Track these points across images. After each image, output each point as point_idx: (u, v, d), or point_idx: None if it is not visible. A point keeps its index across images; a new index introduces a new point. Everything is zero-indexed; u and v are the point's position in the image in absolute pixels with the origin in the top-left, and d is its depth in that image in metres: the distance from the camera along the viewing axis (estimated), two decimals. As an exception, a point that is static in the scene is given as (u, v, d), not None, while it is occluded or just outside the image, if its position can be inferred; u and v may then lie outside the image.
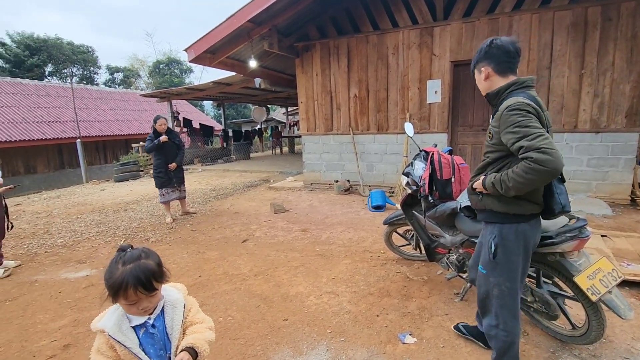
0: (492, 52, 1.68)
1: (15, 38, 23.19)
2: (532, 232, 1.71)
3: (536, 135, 1.45)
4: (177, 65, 32.29)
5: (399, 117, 6.42)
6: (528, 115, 1.51)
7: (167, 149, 5.26)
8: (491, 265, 1.75)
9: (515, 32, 5.36)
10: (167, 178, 5.31)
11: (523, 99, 1.56)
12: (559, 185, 1.65)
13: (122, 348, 1.11)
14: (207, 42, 6.18)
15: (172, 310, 1.23)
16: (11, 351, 2.39)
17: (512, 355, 1.80)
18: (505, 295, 1.75)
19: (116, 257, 1.15)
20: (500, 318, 1.77)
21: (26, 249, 4.52)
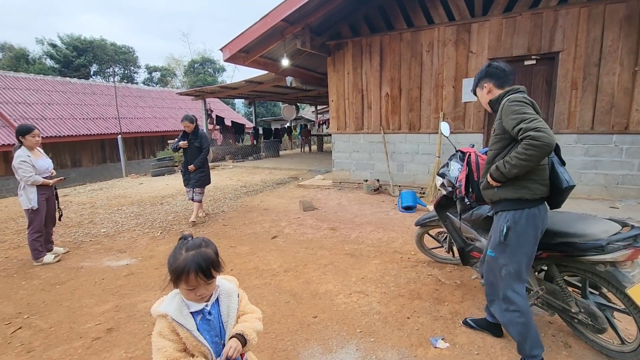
0: (492, 71, 2.05)
1: (64, 40, 24.88)
2: (541, 217, 1.88)
3: (532, 119, 1.73)
4: (211, 65, 33.32)
5: (432, 117, 6.26)
6: (524, 105, 1.81)
7: (189, 150, 5.15)
8: (501, 247, 1.92)
9: (561, 27, 5.07)
10: (185, 178, 5.27)
11: (520, 94, 1.89)
12: (560, 167, 1.87)
13: (185, 331, 1.16)
14: (242, 42, 6.32)
15: (227, 299, 1.29)
16: (61, 331, 2.58)
17: (533, 339, 1.89)
18: (512, 275, 1.91)
19: (180, 244, 1.22)
20: (509, 299, 1.92)
21: (73, 237, 4.84)
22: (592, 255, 1.82)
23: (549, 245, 2.01)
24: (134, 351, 2.30)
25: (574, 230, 1.93)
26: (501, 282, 1.96)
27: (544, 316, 2.48)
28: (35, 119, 12.61)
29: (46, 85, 15.06)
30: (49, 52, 24.45)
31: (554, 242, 1.98)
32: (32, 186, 3.79)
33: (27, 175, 3.71)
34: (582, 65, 5.05)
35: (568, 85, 5.19)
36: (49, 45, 24.52)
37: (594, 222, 1.93)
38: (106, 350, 2.32)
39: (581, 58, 5.04)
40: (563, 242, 1.94)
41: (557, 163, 1.88)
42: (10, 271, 3.74)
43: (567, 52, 5.11)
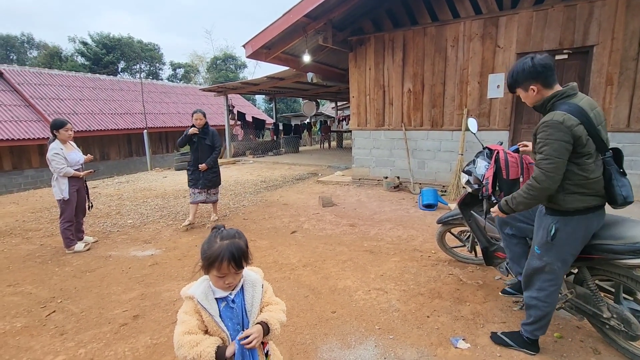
0: (540, 70, 1.82)
1: (94, 38, 25.83)
2: (594, 222, 1.84)
3: (545, 157, 1.72)
4: (232, 61, 33.75)
5: (456, 113, 6.11)
6: (555, 134, 1.69)
7: (200, 147, 4.75)
8: (547, 246, 1.90)
9: (596, 20, 4.83)
10: (193, 178, 4.82)
11: (559, 115, 1.71)
12: (620, 178, 1.75)
13: (207, 315, 1.22)
14: (264, 38, 6.37)
15: (252, 289, 1.32)
16: (91, 316, 2.70)
17: (545, 323, 2.02)
18: (554, 272, 1.92)
19: (214, 233, 1.27)
20: (545, 292, 1.96)
21: (102, 227, 5.05)
22: (630, 259, 1.74)
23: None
24: (159, 338, 2.38)
25: (611, 232, 1.84)
26: (543, 276, 1.96)
27: (572, 320, 2.39)
28: (67, 113, 13.18)
29: (77, 81, 15.69)
30: (80, 50, 25.46)
31: (588, 244, 1.90)
32: (64, 178, 3.97)
33: (59, 167, 3.89)
34: (618, 60, 4.79)
35: (602, 80, 4.94)
36: (80, 43, 25.53)
37: (632, 225, 1.83)
38: (132, 336, 2.42)
39: (618, 52, 4.78)
40: (598, 244, 1.85)
41: (615, 172, 1.74)
42: (45, 258, 3.94)
43: (602, 45, 4.86)
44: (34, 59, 27.59)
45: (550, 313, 1.99)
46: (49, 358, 2.21)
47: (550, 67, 1.83)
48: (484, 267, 3.23)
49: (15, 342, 2.40)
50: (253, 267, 1.40)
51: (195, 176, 4.81)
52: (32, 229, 5.02)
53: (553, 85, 1.84)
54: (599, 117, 1.77)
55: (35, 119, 12.54)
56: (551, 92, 1.83)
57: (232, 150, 13.47)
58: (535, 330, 2.05)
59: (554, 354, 2.09)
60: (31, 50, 30.39)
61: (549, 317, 2.01)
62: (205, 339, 1.18)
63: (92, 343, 2.35)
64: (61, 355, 2.24)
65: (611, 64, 4.84)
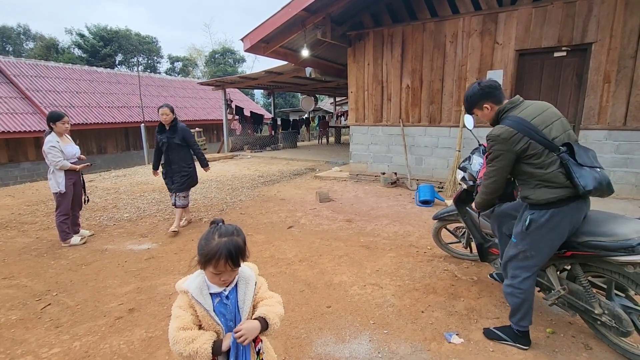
0: (486, 91, 2.08)
1: (92, 30, 25.58)
2: (570, 214, 1.90)
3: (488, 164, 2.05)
4: (231, 55, 33.55)
5: (454, 110, 6.11)
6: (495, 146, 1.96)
7: (169, 148, 4.30)
8: (522, 235, 2.03)
9: (595, 17, 4.81)
10: (167, 182, 4.49)
11: (498, 130, 1.96)
12: (577, 170, 1.81)
13: (201, 309, 1.21)
14: (262, 32, 6.32)
15: (245, 285, 1.31)
16: (87, 309, 2.70)
17: (525, 311, 2.08)
18: (527, 259, 2.03)
19: (212, 229, 1.25)
20: (518, 278, 2.06)
21: (98, 220, 5.03)
22: (621, 256, 1.75)
23: (574, 244, 1.95)
24: (154, 331, 2.39)
25: (603, 229, 1.85)
26: (515, 263, 2.09)
27: (565, 316, 2.42)
28: (64, 106, 13.08)
29: (74, 74, 15.56)
30: (77, 42, 25.23)
31: (580, 240, 1.91)
32: (61, 171, 3.95)
33: (56, 160, 3.87)
34: (616, 58, 4.79)
35: (600, 78, 4.94)
36: (77, 35, 25.30)
37: (624, 222, 1.85)
38: (128, 330, 2.42)
39: (616, 50, 4.78)
40: (590, 241, 1.87)
41: (572, 165, 1.82)
42: (41, 251, 3.94)
43: (600, 43, 4.85)
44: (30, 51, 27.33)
45: (527, 302, 2.05)
46: (43, 351, 2.22)
47: (496, 87, 2.08)
48: (479, 263, 3.25)
49: (10, 334, 2.40)
50: (248, 263, 1.39)
51: (169, 179, 4.47)
52: (28, 222, 5.01)
53: (502, 101, 2.09)
54: (546, 120, 1.92)
55: (32, 112, 12.44)
56: (498, 108, 2.08)
57: (230, 145, 13.42)
58: (519, 321, 2.09)
59: (546, 349, 2.11)
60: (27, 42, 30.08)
61: (527, 306, 2.06)
62: (200, 335, 1.17)
63: (87, 336, 2.36)
64: (56, 347, 2.25)
65: (609, 61, 4.84)
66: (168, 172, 4.42)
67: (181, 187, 4.40)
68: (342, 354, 2.12)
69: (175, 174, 4.38)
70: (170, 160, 4.36)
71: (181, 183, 4.40)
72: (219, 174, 8.80)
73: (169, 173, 4.42)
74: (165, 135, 4.27)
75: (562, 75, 5.28)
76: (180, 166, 4.38)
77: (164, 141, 4.28)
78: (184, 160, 4.40)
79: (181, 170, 4.38)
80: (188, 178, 4.46)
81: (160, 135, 4.32)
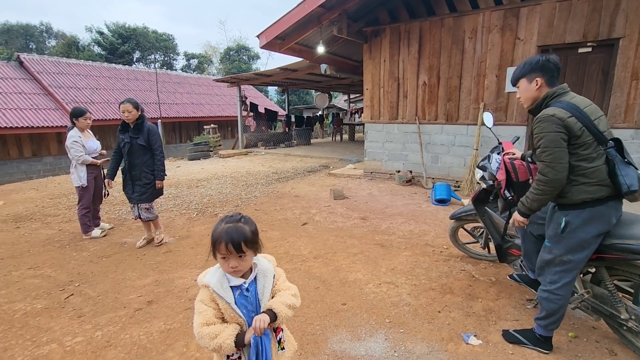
0: (548, 66, 1.89)
1: (111, 28, 26.11)
2: (607, 214, 1.81)
3: (542, 150, 1.79)
4: (246, 52, 33.73)
5: (472, 107, 5.99)
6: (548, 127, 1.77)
7: (131, 149, 3.67)
8: (557, 239, 1.91)
9: (623, 11, 4.63)
10: (126, 189, 3.83)
11: (550, 110, 1.79)
12: (623, 168, 1.73)
13: (223, 302, 1.24)
14: (278, 28, 6.33)
15: (263, 278, 1.34)
16: (107, 300, 2.78)
17: (559, 318, 1.99)
18: (564, 264, 1.91)
19: (222, 218, 1.30)
20: (557, 284, 1.94)
21: (117, 214, 5.16)
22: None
23: (600, 247, 1.88)
24: (172, 324, 2.43)
25: (631, 231, 1.78)
26: (554, 268, 1.96)
27: (588, 320, 2.35)
28: (84, 102, 13.43)
29: (94, 70, 15.94)
30: (97, 40, 25.79)
31: (607, 243, 1.85)
32: (83, 165, 4.05)
33: (78, 155, 3.98)
34: (647, 54, 4.59)
35: (628, 75, 4.75)
36: (97, 32, 25.85)
37: (653, 224, 1.78)
38: (147, 321, 2.48)
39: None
40: (617, 244, 1.80)
41: (619, 162, 1.74)
42: (64, 242, 4.06)
43: (629, 38, 4.66)
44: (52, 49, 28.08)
45: (563, 308, 1.97)
46: (67, 339, 2.29)
47: (559, 69, 1.91)
48: (497, 264, 3.19)
49: (36, 322, 2.49)
50: (266, 255, 1.42)
51: (129, 187, 3.79)
52: (51, 215, 5.17)
53: (555, 84, 1.91)
54: (594, 112, 1.82)
55: (54, 107, 12.82)
56: (547, 92, 1.91)
57: (244, 142, 13.53)
58: (548, 325, 2.02)
59: (568, 354, 2.06)
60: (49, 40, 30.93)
61: (561, 312, 1.98)
62: (223, 330, 1.20)
63: (108, 326, 2.42)
64: (79, 336, 2.32)
65: (638, 57, 4.65)
66: (127, 179, 3.77)
67: (142, 197, 3.73)
68: (358, 352, 2.11)
69: (137, 181, 3.72)
70: (131, 165, 3.71)
71: (142, 193, 3.72)
72: (233, 170, 8.88)
73: (129, 180, 3.76)
74: (128, 134, 3.66)
75: (586, 72, 5.10)
76: (143, 172, 3.69)
77: (126, 141, 3.65)
78: (148, 165, 3.72)
79: (143, 178, 3.71)
80: (151, 187, 3.75)
81: (123, 135, 3.70)
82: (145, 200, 3.76)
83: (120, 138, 3.74)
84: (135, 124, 3.67)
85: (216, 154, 11.92)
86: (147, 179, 3.73)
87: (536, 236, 2.26)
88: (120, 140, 3.73)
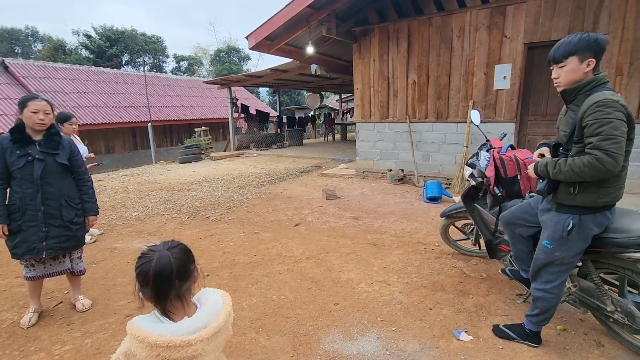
0: (599, 47, 1.70)
1: (98, 30, 25.80)
2: (607, 219, 1.81)
3: (610, 137, 1.56)
4: (236, 53, 33.60)
5: (461, 105, 6.04)
6: (613, 113, 1.57)
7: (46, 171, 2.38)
8: (561, 241, 1.86)
9: (607, 9, 4.71)
10: (26, 236, 2.36)
11: (612, 94, 1.62)
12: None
13: None
14: (267, 29, 6.31)
15: None
16: (97, 307, 2.74)
17: (551, 314, 2.03)
18: (564, 265, 1.91)
19: None
20: (553, 283, 1.95)
21: (107, 219, 5.09)
22: (634, 253, 1.71)
23: None
24: (163, 329, 2.41)
25: (615, 225, 1.81)
26: (553, 268, 1.94)
27: (576, 313, 2.38)
28: (72, 107, 13.24)
29: (82, 74, 15.73)
30: (84, 43, 25.46)
31: (594, 237, 1.88)
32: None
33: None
34: (629, 50, 4.68)
35: (612, 71, 4.84)
36: (84, 36, 25.53)
37: (637, 218, 1.81)
38: (138, 327, 2.44)
39: (628, 41, 4.67)
40: (603, 237, 1.83)
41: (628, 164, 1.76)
42: (52, 250, 3.99)
43: (612, 35, 4.75)
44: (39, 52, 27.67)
45: (556, 304, 2.00)
46: (56, 348, 2.26)
47: (604, 49, 1.74)
48: (488, 259, 3.22)
49: (24, 332, 2.44)
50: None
51: (31, 232, 2.37)
52: (39, 222, 5.08)
53: (598, 68, 1.76)
54: None
55: (41, 113, 12.60)
56: (592, 76, 1.74)
57: (236, 143, 13.47)
58: (540, 322, 2.05)
59: (556, 347, 2.09)
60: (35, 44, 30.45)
61: (554, 309, 2.01)
62: None
63: (98, 333, 2.39)
64: (68, 344, 2.28)
65: (621, 53, 4.74)
66: (31, 219, 2.36)
67: (65, 244, 2.51)
68: (350, 351, 2.12)
69: (51, 220, 2.42)
70: (44, 195, 2.38)
71: (66, 238, 2.50)
72: (225, 172, 8.84)
73: (33, 219, 2.36)
74: (37, 148, 2.35)
75: (572, 68, 5.18)
76: (64, 207, 2.47)
77: (36, 158, 2.33)
78: (70, 196, 2.53)
79: (66, 214, 2.47)
80: (80, 229, 2.59)
81: (20, 150, 2.31)
82: (74, 247, 2.62)
83: (17, 154, 2.30)
84: (47, 134, 2.43)
85: (208, 157, 11.85)
86: (71, 215, 2.50)
87: (526, 237, 2.26)
88: (16, 157, 2.30)
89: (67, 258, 2.66)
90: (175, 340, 1.03)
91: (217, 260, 3.53)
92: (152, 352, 1.02)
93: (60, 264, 2.62)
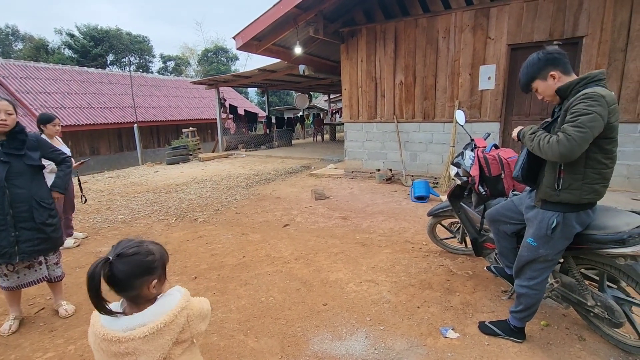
0: (555, 57, 1.79)
1: (82, 30, 25.24)
2: (589, 217, 1.86)
3: (576, 125, 1.60)
4: (224, 53, 33.31)
5: (447, 105, 6.12)
6: (594, 106, 1.60)
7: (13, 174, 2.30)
8: (545, 239, 1.89)
9: (586, 11, 4.84)
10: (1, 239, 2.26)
11: (601, 90, 1.66)
12: None
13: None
14: (254, 29, 6.28)
15: None
16: (81, 312, 2.68)
17: (534, 310, 2.08)
18: (547, 262, 1.96)
19: None
20: (536, 280, 2.00)
21: (92, 222, 4.99)
22: (612, 248, 1.77)
23: None
24: (150, 333, 2.37)
25: (595, 222, 1.87)
26: (536, 265, 1.98)
27: (558, 309, 2.44)
28: (55, 107, 12.93)
29: (65, 74, 15.38)
30: (67, 42, 24.88)
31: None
32: (52, 173, 3.89)
33: (46, 163, 3.82)
34: (607, 51, 4.82)
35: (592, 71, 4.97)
36: (67, 35, 24.95)
37: (615, 214, 1.86)
38: (123, 332, 2.40)
39: (606, 43, 4.81)
40: (583, 234, 1.88)
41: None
42: (33, 254, 3.89)
43: (591, 37, 4.88)
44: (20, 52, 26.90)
45: (540, 300, 2.05)
46: (38, 355, 2.20)
47: (564, 55, 1.79)
48: (474, 257, 3.27)
49: (4, 339, 2.37)
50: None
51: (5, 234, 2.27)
52: (21, 226, 4.94)
53: (571, 73, 1.80)
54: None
55: (22, 114, 12.26)
56: (570, 79, 1.78)
57: (225, 144, 13.36)
58: (524, 318, 2.09)
59: (540, 342, 2.13)
60: (16, 43, 29.60)
61: (538, 305, 2.06)
62: None
63: (81, 339, 2.34)
64: (50, 352, 2.23)
65: (600, 55, 4.87)
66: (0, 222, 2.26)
67: (40, 247, 2.42)
68: (339, 351, 2.12)
69: (22, 223, 2.33)
70: (13, 197, 2.30)
71: (40, 240, 2.41)
72: (213, 173, 8.76)
73: (4, 223, 2.27)
74: (1, 149, 2.27)
75: (553, 69, 5.30)
76: (36, 209, 2.39)
77: (1, 160, 2.26)
78: (42, 197, 2.46)
79: (38, 216, 2.39)
80: (54, 230, 2.50)
81: None
82: (50, 249, 2.50)
83: None
84: (10, 134, 2.32)
85: (196, 158, 11.72)
86: (44, 216, 2.40)
87: (510, 234, 2.31)
88: None
89: (44, 265, 2.53)
90: (107, 334, 1.11)
91: (205, 262, 3.50)
92: (95, 339, 1.14)
93: (36, 272, 2.50)
